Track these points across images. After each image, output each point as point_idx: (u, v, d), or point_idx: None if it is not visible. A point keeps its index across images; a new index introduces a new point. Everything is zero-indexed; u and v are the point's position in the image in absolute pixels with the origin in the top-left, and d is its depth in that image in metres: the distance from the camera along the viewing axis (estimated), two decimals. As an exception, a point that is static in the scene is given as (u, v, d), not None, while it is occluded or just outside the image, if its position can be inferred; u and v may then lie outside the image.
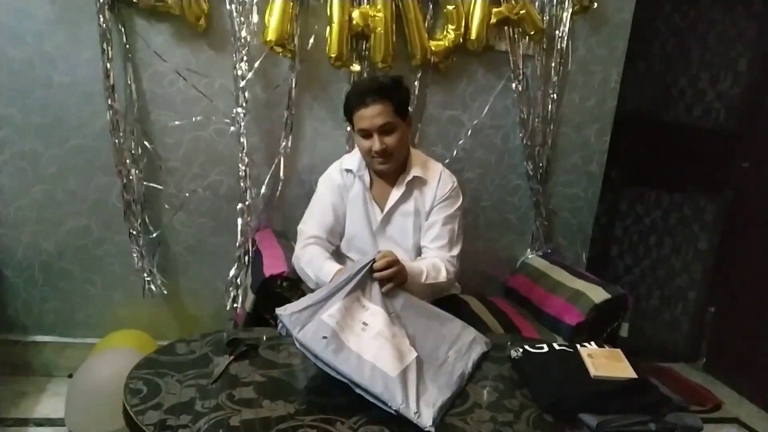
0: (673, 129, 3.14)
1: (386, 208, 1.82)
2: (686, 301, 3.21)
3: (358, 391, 1.21)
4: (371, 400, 1.19)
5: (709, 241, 3.11)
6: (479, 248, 2.53)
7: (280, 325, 1.31)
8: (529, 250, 2.61)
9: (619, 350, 1.48)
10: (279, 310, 1.32)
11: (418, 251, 1.84)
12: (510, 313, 2.22)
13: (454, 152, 2.45)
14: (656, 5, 2.97)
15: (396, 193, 1.81)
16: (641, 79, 3.11)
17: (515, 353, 1.46)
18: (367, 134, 1.71)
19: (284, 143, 2.29)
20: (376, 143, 1.69)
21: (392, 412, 1.16)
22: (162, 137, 2.22)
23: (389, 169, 1.77)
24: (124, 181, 2.16)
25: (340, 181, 1.84)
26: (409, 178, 1.80)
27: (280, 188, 2.32)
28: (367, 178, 1.82)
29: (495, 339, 1.60)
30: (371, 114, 1.68)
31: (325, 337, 1.24)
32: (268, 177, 2.30)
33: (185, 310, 2.39)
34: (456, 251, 1.81)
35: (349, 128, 2.29)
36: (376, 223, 1.83)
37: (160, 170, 2.24)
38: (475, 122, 2.45)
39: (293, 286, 1.80)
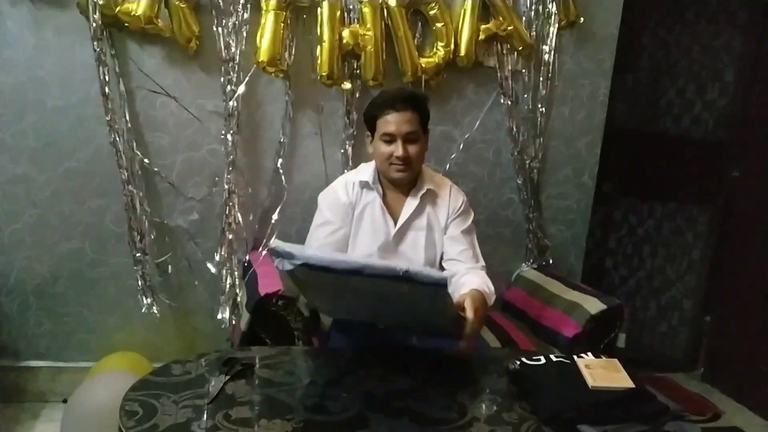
0: (664, 140, 3.17)
1: (401, 221, 1.81)
2: (682, 311, 3.21)
3: (367, 272, 1.22)
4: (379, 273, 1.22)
5: (703, 250, 3.13)
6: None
7: (276, 260, 1.28)
8: (524, 263, 2.62)
9: (616, 360, 1.48)
10: (272, 244, 1.29)
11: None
12: (506, 326, 2.22)
13: (447, 167, 2.47)
14: (641, 19, 3.02)
15: (411, 205, 1.81)
16: (630, 92, 3.14)
17: (512, 366, 1.45)
18: (391, 139, 1.71)
19: (278, 162, 2.30)
20: (399, 149, 1.70)
21: (401, 274, 1.20)
22: (155, 158, 2.22)
23: (405, 178, 1.77)
24: (126, 203, 2.17)
25: (346, 198, 1.81)
26: (423, 191, 1.81)
27: (273, 207, 2.32)
28: (380, 190, 1.82)
29: (492, 352, 1.60)
30: (400, 120, 1.69)
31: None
32: (262, 196, 2.31)
33: (181, 331, 2.38)
34: (483, 263, 1.86)
35: (347, 148, 2.32)
36: (389, 236, 1.81)
37: (156, 191, 2.24)
38: (466, 137, 2.47)
39: (289, 304, 1.79)
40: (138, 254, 2.21)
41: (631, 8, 2.58)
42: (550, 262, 2.63)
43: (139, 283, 2.24)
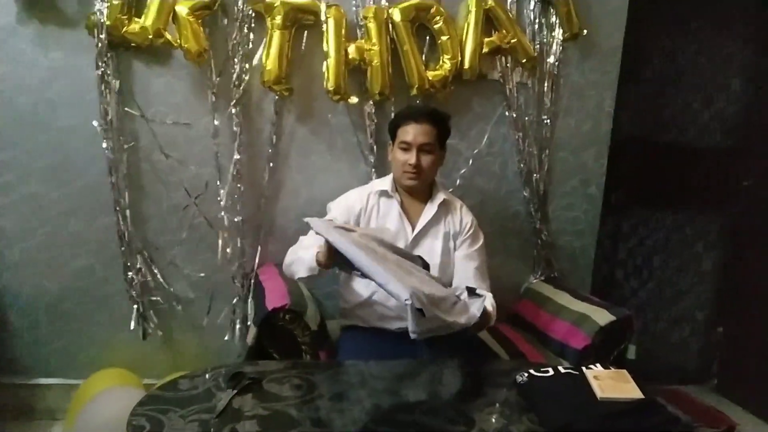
0: (672, 150, 3.15)
1: (419, 226, 1.90)
2: (694, 322, 3.18)
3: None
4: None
5: (714, 260, 3.10)
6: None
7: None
8: (532, 275, 2.60)
9: (624, 371, 1.47)
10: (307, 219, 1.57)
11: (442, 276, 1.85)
12: (515, 339, 2.21)
13: (455, 181, 2.47)
14: (646, 31, 3.02)
15: (429, 212, 1.91)
16: (637, 102, 3.13)
17: (521, 378, 1.44)
18: (407, 147, 1.85)
19: (284, 178, 2.32)
20: (412, 157, 1.83)
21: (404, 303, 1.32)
22: (162, 176, 2.24)
23: (416, 187, 1.90)
24: (120, 222, 2.19)
25: (359, 205, 1.91)
26: (440, 200, 1.92)
27: (280, 223, 2.34)
28: (399, 198, 1.92)
29: (501, 365, 1.59)
30: (418, 131, 1.84)
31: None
32: (269, 212, 2.32)
33: (185, 348, 2.38)
34: (488, 284, 1.93)
35: (361, 164, 2.34)
36: (407, 240, 1.89)
37: (162, 207, 2.27)
38: (473, 151, 2.48)
39: (296, 318, 1.80)
40: (131, 274, 2.23)
41: (635, 19, 2.58)
42: (555, 275, 2.61)
43: (134, 306, 2.26)
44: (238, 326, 2.28)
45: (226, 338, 2.34)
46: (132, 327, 2.27)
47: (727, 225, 3.06)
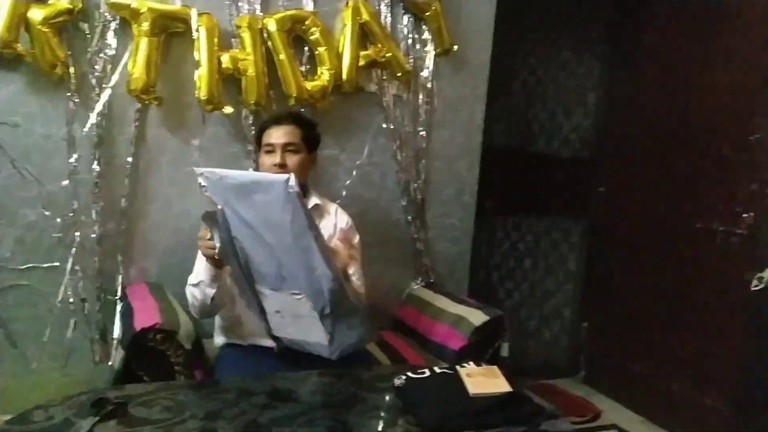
0: (538, 159, 3.39)
1: None
2: (563, 319, 3.42)
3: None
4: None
5: (577, 260, 3.37)
6: (366, 285, 2.54)
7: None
8: (413, 281, 2.67)
9: (495, 367, 1.54)
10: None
11: None
12: (397, 345, 2.25)
13: (341, 192, 2.48)
14: (512, 49, 3.23)
15: None
16: (506, 115, 3.34)
17: (398, 381, 1.47)
18: (271, 149, 1.85)
19: (155, 191, 2.21)
20: (277, 157, 1.83)
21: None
22: (14, 191, 2.05)
23: None
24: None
25: None
26: (311, 204, 1.89)
27: (152, 238, 2.22)
28: None
29: (381, 370, 1.61)
30: (280, 132, 1.86)
31: None
32: (139, 227, 2.20)
33: (46, 380, 2.17)
34: (362, 283, 1.91)
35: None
36: None
37: (16, 225, 2.07)
38: (353, 161, 2.51)
39: (168, 338, 1.71)
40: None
41: (503, 37, 2.76)
42: (439, 278, 2.70)
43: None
44: (102, 350, 2.11)
45: (92, 365, 2.17)
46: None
47: (587, 227, 3.34)
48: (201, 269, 1.72)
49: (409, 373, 1.49)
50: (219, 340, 1.90)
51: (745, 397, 2.31)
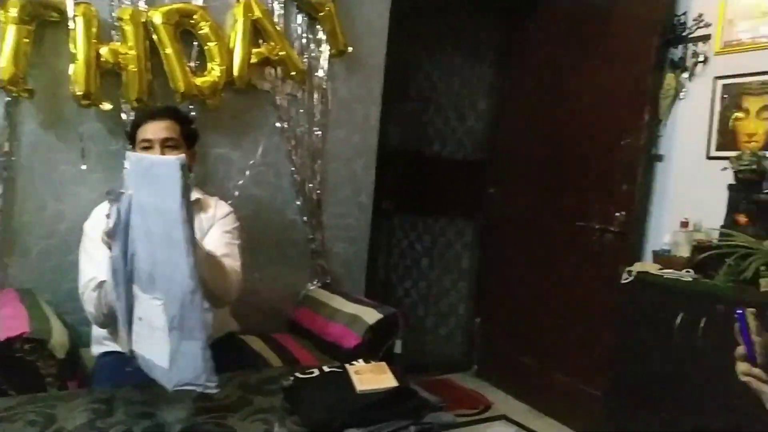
0: (433, 161, 3.50)
1: None
2: (457, 316, 3.55)
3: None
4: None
5: (470, 259, 3.51)
6: (260, 286, 2.49)
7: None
8: (309, 282, 2.66)
9: (383, 363, 1.56)
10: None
11: None
12: (291, 347, 2.23)
13: (233, 192, 2.41)
14: (408, 54, 3.31)
15: None
16: (402, 118, 3.42)
17: (286, 382, 1.46)
18: (149, 145, 1.75)
19: (26, 191, 2.04)
20: (156, 153, 1.73)
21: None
22: None
23: None
24: None
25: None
26: (192, 198, 1.76)
27: (23, 241, 2.05)
28: None
29: (269, 372, 1.59)
30: (157, 128, 1.76)
31: None
32: (7, 230, 2.03)
33: None
34: (239, 263, 1.78)
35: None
36: None
37: None
38: (246, 161, 2.45)
39: (38, 347, 1.58)
40: None
41: (397, 43, 2.80)
42: (335, 279, 2.70)
43: None
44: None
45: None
46: None
47: (480, 227, 3.48)
48: (95, 269, 1.58)
49: (298, 374, 1.49)
50: (96, 348, 1.79)
51: (614, 384, 2.48)
